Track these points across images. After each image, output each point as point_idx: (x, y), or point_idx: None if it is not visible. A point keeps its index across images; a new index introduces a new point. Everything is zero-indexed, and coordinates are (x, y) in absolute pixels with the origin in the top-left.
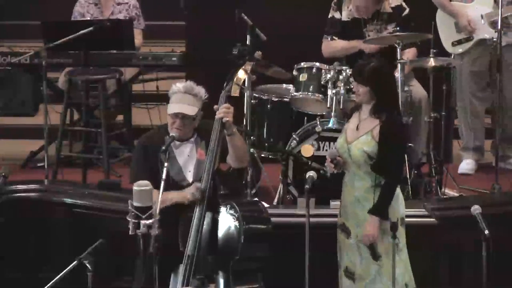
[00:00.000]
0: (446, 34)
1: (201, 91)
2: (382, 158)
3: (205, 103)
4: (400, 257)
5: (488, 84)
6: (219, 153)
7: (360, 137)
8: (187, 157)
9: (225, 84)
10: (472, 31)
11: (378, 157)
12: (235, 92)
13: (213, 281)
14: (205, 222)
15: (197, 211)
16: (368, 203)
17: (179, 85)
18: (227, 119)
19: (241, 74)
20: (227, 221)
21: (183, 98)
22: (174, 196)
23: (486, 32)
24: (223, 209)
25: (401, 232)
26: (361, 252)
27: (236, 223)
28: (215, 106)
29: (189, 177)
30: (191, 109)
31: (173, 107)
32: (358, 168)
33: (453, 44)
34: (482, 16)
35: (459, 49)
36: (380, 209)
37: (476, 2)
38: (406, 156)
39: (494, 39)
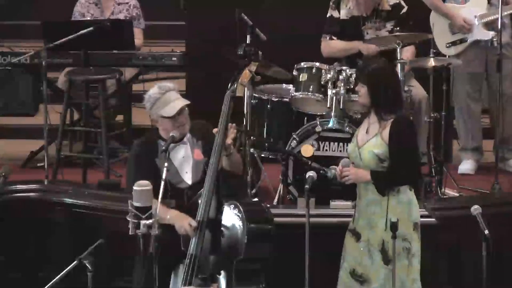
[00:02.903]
0: (440, 35)
1: (171, 84)
2: (394, 161)
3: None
4: (411, 262)
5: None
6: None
7: (369, 140)
8: (182, 159)
9: (229, 85)
10: (469, 30)
11: (390, 160)
12: (240, 92)
13: (215, 281)
14: (208, 222)
15: (194, 239)
16: (379, 207)
17: (154, 90)
18: (229, 143)
19: (246, 75)
20: (230, 221)
21: (170, 95)
22: (172, 219)
23: (480, 34)
24: (226, 209)
25: (414, 237)
26: (372, 255)
27: (240, 223)
28: (215, 130)
29: (187, 179)
30: (184, 100)
31: (173, 106)
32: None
33: (447, 46)
34: (476, 18)
35: (453, 51)
36: (379, 178)
37: (470, 3)
38: None
39: (494, 39)
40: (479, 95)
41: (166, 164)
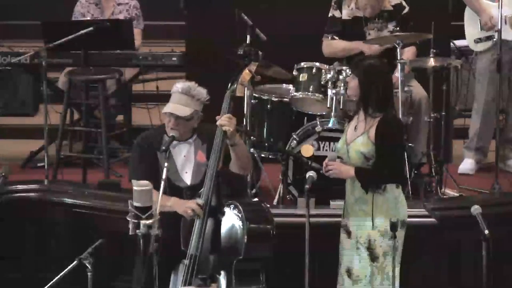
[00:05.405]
0: (471, 31)
1: (200, 92)
2: (379, 159)
3: (205, 104)
4: (397, 260)
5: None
6: (222, 159)
7: (357, 138)
8: (183, 158)
9: (229, 84)
10: (491, 27)
11: (376, 158)
12: (240, 92)
13: (215, 281)
14: (208, 222)
15: (198, 222)
16: (366, 205)
17: (178, 86)
18: (228, 128)
19: (246, 75)
20: (230, 221)
21: (179, 98)
22: (174, 205)
23: (506, 34)
24: (226, 209)
25: (401, 235)
26: (359, 252)
27: (240, 223)
28: (217, 117)
29: (186, 179)
30: (184, 110)
31: (167, 107)
32: None
33: (476, 41)
34: (505, 18)
35: (480, 47)
36: (362, 174)
37: (503, 2)
38: (406, 156)
39: None
40: (499, 95)
41: (166, 164)
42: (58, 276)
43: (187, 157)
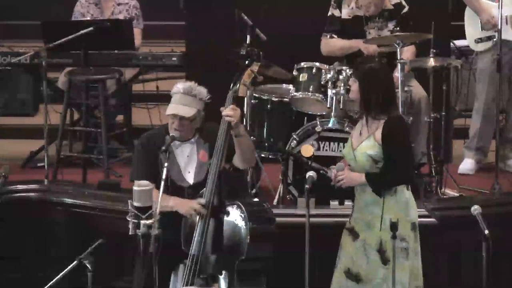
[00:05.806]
0: (472, 31)
1: (201, 92)
2: (388, 161)
3: (206, 104)
4: (407, 262)
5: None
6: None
7: (363, 141)
8: (187, 158)
9: (232, 85)
10: (493, 26)
11: (384, 161)
12: (242, 92)
13: (216, 281)
14: (210, 222)
15: (200, 222)
16: (377, 208)
17: (179, 86)
18: (232, 119)
19: (249, 75)
20: (233, 221)
21: (181, 99)
22: (176, 206)
23: (507, 34)
24: (229, 209)
25: (412, 237)
26: (368, 254)
27: (243, 223)
28: (222, 108)
29: (189, 179)
30: (188, 111)
31: (170, 108)
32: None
33: (476, 41)
34: (506, 18)
35: (480, 47)
36: (373, 179)
37: (504, 2)
38: None
39: None
40: (499, 95)
41: (166, 164)
42: (58, 276)
43: (190, 157)
